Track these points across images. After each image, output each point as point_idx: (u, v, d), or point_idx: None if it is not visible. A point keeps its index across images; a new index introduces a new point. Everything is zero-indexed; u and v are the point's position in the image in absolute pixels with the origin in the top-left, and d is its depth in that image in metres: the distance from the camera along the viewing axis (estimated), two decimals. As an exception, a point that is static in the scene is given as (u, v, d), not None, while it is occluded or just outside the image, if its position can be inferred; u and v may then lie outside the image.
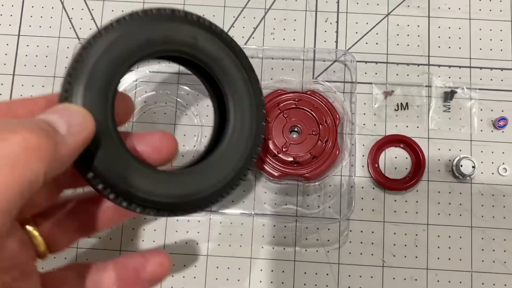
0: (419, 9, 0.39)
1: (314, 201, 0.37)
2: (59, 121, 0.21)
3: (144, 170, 0.23)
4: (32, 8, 0.39)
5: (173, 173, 0.24)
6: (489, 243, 0.36)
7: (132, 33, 0.24)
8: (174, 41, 0.25)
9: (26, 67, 0.39)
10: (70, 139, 0.21)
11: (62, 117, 0.21)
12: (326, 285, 0.35)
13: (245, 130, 0.27)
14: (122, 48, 0.23)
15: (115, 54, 0.23)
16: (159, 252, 0.24)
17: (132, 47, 0.24)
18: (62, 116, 0.21)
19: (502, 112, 0.38)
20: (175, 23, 0.25)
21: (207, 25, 0.26)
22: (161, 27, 0.24)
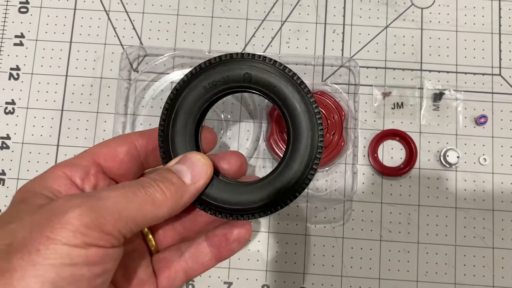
0: (413, 22, 0.43)
1: (323, 185, 0.41)
2: (185, 172, 0.26)
3: (230, 188, 0.27)
4: (82, 19, 0.44)
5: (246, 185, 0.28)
6: (470, 221, 0.40)
7: (210, 75, 0.27)
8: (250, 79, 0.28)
9: (77, 69, 0.43)
10: (192, 187, 0.26)
11: (188, 168, 0.26)
12: (332, 255, 0.40)
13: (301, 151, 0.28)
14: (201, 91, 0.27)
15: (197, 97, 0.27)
16: (243, 221, 0.29)
17: (209, 90, 0.27)
18: (188, 166, 0.26)
19: (483, 111, 0.42)
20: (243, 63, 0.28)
21: (280, 68, 0.28)
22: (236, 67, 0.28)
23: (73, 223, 0.20)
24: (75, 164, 0.27)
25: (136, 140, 0.29)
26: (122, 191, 0.23)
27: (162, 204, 0.24)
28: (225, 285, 0.40)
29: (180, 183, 0.25)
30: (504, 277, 0.40)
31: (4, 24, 0.44)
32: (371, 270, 0.40)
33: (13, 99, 0.43)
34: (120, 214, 0.22)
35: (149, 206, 0.23)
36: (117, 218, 0.22)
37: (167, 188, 0.25)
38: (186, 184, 0.25)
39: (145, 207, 0.23)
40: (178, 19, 0.44)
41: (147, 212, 0.23)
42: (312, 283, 0.40)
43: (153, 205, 0.24)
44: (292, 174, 0.28)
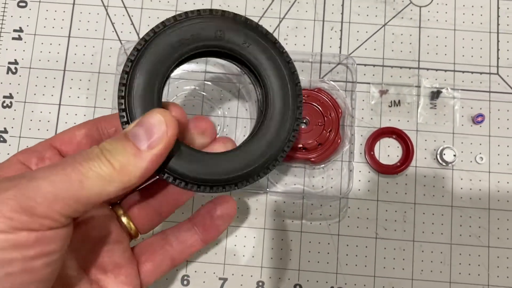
0: (411, 20, 0.43)
1: (319, 182, 0.41)
2: (141, 136, 0.22)
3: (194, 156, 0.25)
4: (80, 14, 0.44)
5: (218, 155, 0.26)
6: (466, 220, 0.40)
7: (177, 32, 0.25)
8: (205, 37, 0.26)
9: (75, 64, 0.43)
10: (149, 154, 0.22)
11: (146, 131, 0.23)
12: (328, 252, 0.40)
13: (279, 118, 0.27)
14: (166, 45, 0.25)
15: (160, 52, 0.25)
16: (224, 196, 0.28)
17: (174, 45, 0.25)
18: (146, 129, 0.23)
19: (480, 110, 0.42)
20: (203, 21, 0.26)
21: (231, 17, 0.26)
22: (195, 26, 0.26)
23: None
24: (31, 150, 0.26)
25: (98, 122, 0.28)
26: (59, 168, 0.21)
27: (111, 178, 0.22)
28: (220, 281, 0.40)
29: (134, 151, 0.22)
30: (499, 276, 0.40)
31: (3, 18, 0.44)
32: (366, 267, 0.40)
33: (11, 93, 0.43)
34: (56, 195, 0.20)
35: (95, 182, 0.21)
36: (52, 200, 0.20)
37: (116, 160, 0.22)
38: (142, 151, 0.22)
39: (88, 184, 0.21)
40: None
41: (93, 188, 0.21)
42: (307, 280, 0.40)
43: (100, 181, 0.21)
44: (268, 144, 0.26)
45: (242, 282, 0.40)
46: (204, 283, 0.40)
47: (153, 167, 0.23)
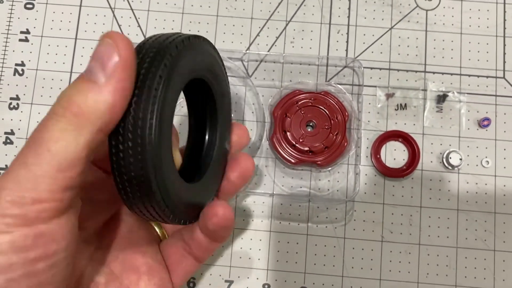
0: (418, 24, 0.44)
1: (325, 185, 0.41)
2: (94, 69, 0.19)
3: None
4: (87, 16, 0.44)
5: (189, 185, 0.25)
6: (472, 223, 0.40)
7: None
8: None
9: (82, 66, 0.43)
10: (110, 85, 0.19)
11: (96, 61, 0.19)
12: (334, 255, 0.40)
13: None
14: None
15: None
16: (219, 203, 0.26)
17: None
18: (95, 59, 0.19)
19: (486, 113, 0.42)
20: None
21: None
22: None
23: None
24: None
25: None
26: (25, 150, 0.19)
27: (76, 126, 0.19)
28: (226, 284, 0.40)
29: (89, 87, 0.19)
30: (505, 280, 0.40)
31: (10, 20, 0.45)
32: (372, 270, 0.40)
33: (18, 95, 0.43)
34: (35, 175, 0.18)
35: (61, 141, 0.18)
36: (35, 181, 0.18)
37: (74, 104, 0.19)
38: (99, 84, 0.19)
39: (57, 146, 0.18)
40: (183, 17, 0.44)
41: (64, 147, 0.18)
42: (313, 282, 0.40)
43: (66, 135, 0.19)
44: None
45: (248, 284, 0.40)
46: (210, 285, 0.40)
47: (119, 98, 0.19)
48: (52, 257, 0.19)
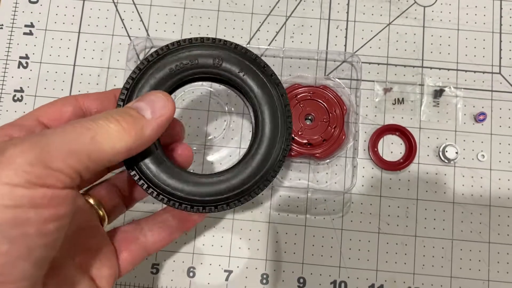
0: (416, 20, 0.44)
1: (323, 177, 0.42)
2: (144, 107, 0.24)
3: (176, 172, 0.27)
4: (90, 10, 0.45)
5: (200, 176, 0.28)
6: (468, 216, 0.41)
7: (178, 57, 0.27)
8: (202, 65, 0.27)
9: (84, 59, 0.44)
10: (153, 121, 0.24)
11: (147, 103, 0.24)
12: (331, 246, 0.41)
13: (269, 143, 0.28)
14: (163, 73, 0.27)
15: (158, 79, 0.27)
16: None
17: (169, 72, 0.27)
18: (147, 103, 0.24)
19: (482, 108, 0.42)
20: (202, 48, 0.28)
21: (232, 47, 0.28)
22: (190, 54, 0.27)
23: (14, 161, 0.18)
24: (18, 125, 0.25)
25: (81, 102, 0.28)
26: (69, 126, 0.21)
27: (119, 135, 0.22)
28: (226, 273, 0.41)
29: (139, 116, 0.24)
30: (499, 271, 0.40)
31: (15, 14, 0.45)
32: (368, 261, 0.41)
33: (22, 87, 0.44)
34: (69, 148, 0.20)
35: (104, 139, 0.22)
36: (66, 153, 0.20)
37: (124, 119, 0.23)
38: (147, 118, 0.24)
39: (99, 139, 0.21)
40: (184, 12, 0.45)
41: (103, 144, 0.21)
42: (311, 273, 0.41)
43: (109, 137, 0.22)
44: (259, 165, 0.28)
45: (247, 274, 0.41)
46: (209, 275, 0.41)
47: (156, 135, 0.24)
48: (60, 219, 0.20)
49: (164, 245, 0.31)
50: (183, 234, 0.41)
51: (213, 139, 0.43)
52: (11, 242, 0.18)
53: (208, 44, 0.28)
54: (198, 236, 0.41)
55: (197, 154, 0.42)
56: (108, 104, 0.29)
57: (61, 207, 0.20)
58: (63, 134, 0.21)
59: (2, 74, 0.44)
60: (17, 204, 0.18)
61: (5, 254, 0.18)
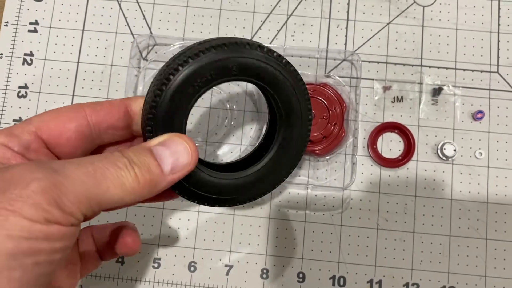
0: (415, 19, 0.45)
1: (323, 174, 0.42)
2: (167, 159, 0.23)
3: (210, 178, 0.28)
4: (94, 8, 0.46)
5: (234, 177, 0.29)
6: (465, 212, 0.42)
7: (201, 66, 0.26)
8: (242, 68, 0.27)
9: (88, 56, 0.45)
10: (170, 178, 0.24)
11: (171, 154, 0.24)
12: (330, 242, 0.41)
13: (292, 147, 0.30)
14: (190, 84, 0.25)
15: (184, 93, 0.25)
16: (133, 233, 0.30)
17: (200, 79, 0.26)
18: (172, 153, 0.24)
19: (480, 107, 0.43)
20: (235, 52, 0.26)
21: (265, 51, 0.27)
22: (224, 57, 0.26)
23: (34, 198, 0.20)
24: (15, 135, 0.25)
25: (89, 116, 0.26)
26: (90, 170, 0.21)
27: (132, 191, 0.22)
28: (226, 268, 0.41)
29: (158, 171, 0.23)
30: (496, 267, 0.41)
31: (19, 11, 0.46)
32: (367, 257, 0.41)
33: (26, 84, 0.45)
34: (84, 196, 0.21)
35: (118, 191, 0.22)
36: (81, 200, 0.21)
37: (142, 175, 0.23)
38: (164, 173, 0.23)
39: (113, 191, 0.22)
40: (187, 10, 0.46)
41: (114, 196, 0.22)
42: (310, 268, 0.41)
43: (123, 191, 0.22)
44: (280, 166, 0.30)
45: (247, 269, 0.41)
46: (210, 269, 0.41)
47: (168, 187, 0.24)
48: (66, 250, 0.22)
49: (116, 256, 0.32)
50: (185, 230, 0.42)
51: (214, 136, 0.43)
52: (24, 270, 0.19)
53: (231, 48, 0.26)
54: (199, 231, 0.42)
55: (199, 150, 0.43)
56: (118, 118, 0.28)
57: (68, 241, 0.21)
58: (83, 179, 0.21)
59: (7, 71, 0.45)
60: (34, 237, 0.20)
61: (18, 280, 0.19)
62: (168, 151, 0.24)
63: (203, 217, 0.42)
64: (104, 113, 0.27)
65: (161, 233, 0.42)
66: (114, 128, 0.28)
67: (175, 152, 0.24)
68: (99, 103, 0.27)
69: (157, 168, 0.23)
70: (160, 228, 0.42)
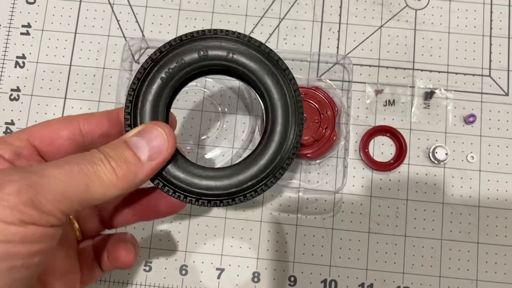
0: (407, 23, 0.45)
1: (314, 177, 0.42)
2: (143, 148, 0.24)
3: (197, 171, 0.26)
4: (87, 11, 0.46)
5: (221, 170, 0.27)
6: (457, 216, 0.41)
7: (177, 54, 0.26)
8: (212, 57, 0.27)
9: (80, 59, 0.45)
10: (148, 165, 0.24)
11: (147, 142, 0.24)
12: (322, 245, 0.41)
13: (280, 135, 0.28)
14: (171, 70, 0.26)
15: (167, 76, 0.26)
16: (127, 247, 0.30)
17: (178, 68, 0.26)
18: (147, 141, 0.24)
19: (472, 110, 0.43)
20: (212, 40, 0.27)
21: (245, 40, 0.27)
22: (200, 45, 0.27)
23: (9, 200, 0.19)
24: (8, 143, 0.25)
25: (82, 125, 0.27)
26: (67, 169, 0.21)
27: (111, 184, 0.23)
28: (217, 271, 0.41)
29: (135, 161, 0.23)
30: (488, 271, 0.41)
31: (12, 14, 0.46)
32: (359, 260, 0.41)
33: (18, 86, 0.45)
34: (63, 195, 0.21)
35: (97, 186, 0.22)
36: (59, 198, 0.21)
37: (119, 167, 0.23)
38: (142, 161, 0.23)
39: (93, 187, 0.22)
40: (179, 13, 0.46)
41: (95, 192, 0.22)
42: (302, 271, 0.41)
43: (102, 185, 0.22)
44: (268, 162, 0.28)
45: (238, 272, 0.41)
46: (202, 273, 0.41)
47: (150, 176, 0.24)
48: (44, 253, 0.21)
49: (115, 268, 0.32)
50: (177, 233, 0.42)
51: (206, 139, 0.43)
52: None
53: (221, 36, 0.27)
54: (190, 235, 0.42)
55: (190, 154, 0.43)
56: (112, 127, 0.28)
57: (47, 242, 0.21)
58: (60, 178, 0.21)
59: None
60: (9, 239, 0.19)
61: None
62: (143, 140, 0.24)
63: (195, 220, 0.42)
64: (96, 122, 0.27)
65: (153, 236, 0.42)
66: (106, 136, 0.28)
67: (151, 139, 0.24)
68: (91, 114, 0.28)
69: (133, 158, 0.23)
70: (151, 231, 0.42)
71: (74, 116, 0.27)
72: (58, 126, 0.26)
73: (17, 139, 0.25)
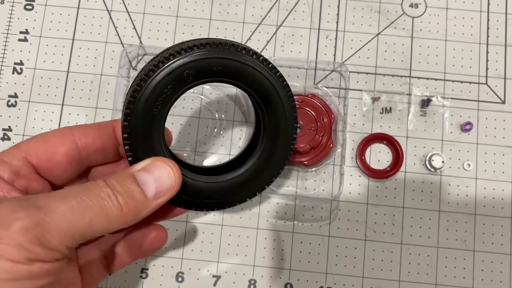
0: (404, 30, 0.45)
1: (311, 184, 0.42)
2: (150, 185, 0.24)
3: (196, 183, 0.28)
4: (84, 17, 0.46)
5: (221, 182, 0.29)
6: (453, 224, 0.42)
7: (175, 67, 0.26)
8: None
9: (78, 65, 0.45)
10: (154, 203, 0.24)
11: (155, 180, 0.24)
12: (318, 253, 0.41)
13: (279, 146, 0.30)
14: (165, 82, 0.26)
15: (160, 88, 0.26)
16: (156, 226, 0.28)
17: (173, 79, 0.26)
18: (155, 179, 0.24)
19: (468, 118, 0.43)
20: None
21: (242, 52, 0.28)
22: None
23: (16, 238, 0.20)
24: (5, 162, 0.25)
25: (78, 139, 0.27)
26: (73, 204, 0.21)
27: (117, 220, 0.23)
28: (214, 278, 0.41)
29: (142, 198, 0.23)
30: (484, 279, 0.41)
31: (10, 20, 0.46)
32: (355, 268, 0.41)
33: (16, 93, 0.45)
34: (68, 231, 0.21)
35: (102, 221, 0.22)
36: (64, 235, 0.21)
37: (126, 204, 0.23)
38: (148, 199, 0.23)
39: (97, 222, 0.22)
40: (177, 20, 0.46)
41: (99, 227, 0.22)
42: (298, 279, 0.41)
43: (106, 221, 0.22)
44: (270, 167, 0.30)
45: (234, 280, 0.41)
46: (198, 280, 0.41)
47: (153, 211, 0.24)
48: (50, 285, 0.21)
49: (121, 267, 0.31)
50: (173, 240, 0.42)
51: (203, 146, 0.43)
52: None
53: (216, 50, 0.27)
54: (187, 242, 0.42)
55: (187, 161, 0.43)
56: (106, 141, 0.28)
57: (53, 276, 0.21)
58: (66, 214, 0.21)
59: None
60: (17, 278, 0.20)
61: None
62: (151, 176, 0.24)
63: (191, 227, 0.42)
64: (92, 136, 0.27)
65: (149, 243, 0.42)
66: (102, 150, 0.28)
67: (159, 177, 0.24)
68: (87, 126, 0.28)
69: (141, 195, 0.23)
70: (148, 238, 0.42)
71: (69, 129, 0.27)
72: (54, 141, 0.26)
73: (14, 158, 0.25)
